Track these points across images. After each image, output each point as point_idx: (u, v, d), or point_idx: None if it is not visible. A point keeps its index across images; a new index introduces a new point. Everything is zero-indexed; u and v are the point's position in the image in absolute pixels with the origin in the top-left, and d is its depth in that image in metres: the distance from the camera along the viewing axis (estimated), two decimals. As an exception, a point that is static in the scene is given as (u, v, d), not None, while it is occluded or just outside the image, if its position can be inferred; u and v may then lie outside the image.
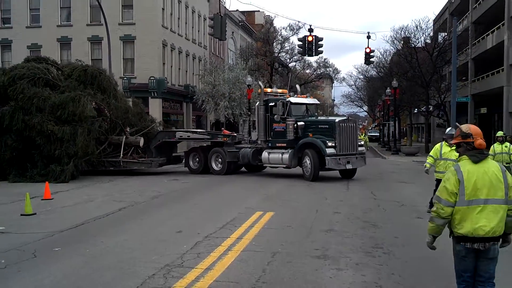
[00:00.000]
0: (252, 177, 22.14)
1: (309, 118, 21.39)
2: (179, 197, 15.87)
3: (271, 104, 21.54)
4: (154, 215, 12.36)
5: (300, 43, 28.30)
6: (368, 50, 29.73)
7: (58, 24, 39.58)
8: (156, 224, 11.23)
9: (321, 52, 28.01)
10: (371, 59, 32.75)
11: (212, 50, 51.47)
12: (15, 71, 21.87)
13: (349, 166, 20.09)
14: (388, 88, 46.72)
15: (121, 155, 22.84)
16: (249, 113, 37.42)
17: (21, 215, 12.21)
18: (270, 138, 21.70)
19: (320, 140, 19.71)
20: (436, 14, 52.26)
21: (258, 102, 22.52)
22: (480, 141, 4.98)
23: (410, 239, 9.73)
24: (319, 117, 22.49)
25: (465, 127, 5.08)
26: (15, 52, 39.72)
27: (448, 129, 12.35)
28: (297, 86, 28.24)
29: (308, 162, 19.88)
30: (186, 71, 45.30)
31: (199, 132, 26.06)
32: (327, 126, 20.35)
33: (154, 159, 23.29)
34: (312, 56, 28.50)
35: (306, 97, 23.38)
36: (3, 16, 40.71)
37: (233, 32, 57.10)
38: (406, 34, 43.94)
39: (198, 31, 48.28)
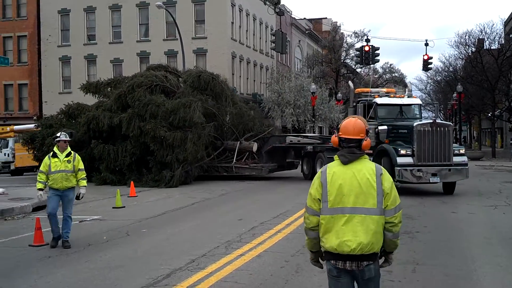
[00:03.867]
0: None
1: (397, 122, 18.37)
2: (243, 194, 18.00)
3: (359, 105, 19.36)
4: (221, 208, 14.61)
5: (358, 52, 29.94)
6: (426, 57, 30.83)
7: (137, 40, 43.13)
8: (222, 214, 13.48)
9: (378, 61, 29.56)
10: (429, 66, 33.71)
11: (279, 59, 53.71)
12: (134, 80, 22.89)
13: (434, 180, 16.49)
14: (455, 92, 47.06)
15: (234, 161, 22.94)
16: (313, 119, 39.20)
17: (113, 208, 14.78)
18: None
19: (393, 147, 16.77)
20: (505, 17, 51.78)
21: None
22: (333, 137, 4.27)
23: (438, 227, 11.36)
24: (401, 121, 18.48)
25: (344, 120, 4.29)
26: (99, 66, 43.71)
27: None
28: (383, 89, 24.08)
29: None
30: (254, 80, 47.76)
31: (310, 136, 25.41)
32: (406, 131, 17.30)
33: (264, 164, 23.01)
34: (369, 65, 30.00)
35: (403, 97, 20.22)
36: (89, 33, 44.75)
37: (299, 41, 59.11)
38: (470, 38, 44.28)
39: (266, 41, 50.64)
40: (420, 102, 20.46)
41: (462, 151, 17.30)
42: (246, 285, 6.89)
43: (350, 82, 24.25)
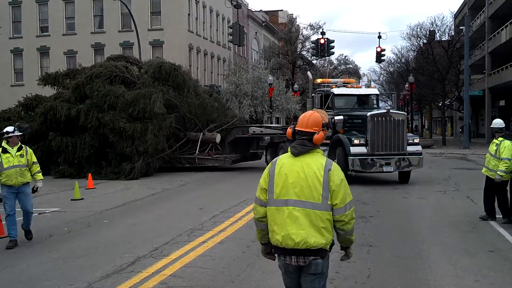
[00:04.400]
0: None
1: (353, 112, 18.29)
2: (203, 184, 18.22)
3: (316, 96, 19.27)
4: (182, 198, 14.80)
5: (314, 45, 30.47)
6: (379, 50, 31.65)
7: (91, 31, 42.41)
8: (183, 203, 13.68)
9: (333, 53, 30.29)
10: (382, 57, 34.60)
11: (236, 50, 53.84)
12: (92, 70, 22.30)
13: (388, 169, 16.65)
14: (407, 83, 48.38)
15: (197, 152, 22.69)
16: (271, 110, 39.63)
17: (71, 200, 14.73)
18: None
19: (347, 137, 16.75)
20: (455, 10, 53.56)
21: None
22: (288, 129, 4.30)
23: (390, 212, 11.90)
24: (356, 112, 18.34)
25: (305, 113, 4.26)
26: (53, 58, 42.80)
27: (495, 121, 11.14)
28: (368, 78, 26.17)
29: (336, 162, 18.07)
30: (212, 72, 47.79)
31: (273, 127, 25.49)
32: (360, 121, 17.29)
33: (227, 155, 22.83)
34: (324, 57, 30.58)
35: (361, 87, 20.59)
36: (41, 25, 43.71)
37: (256, 33, 59.38)
38: (421, 31, 45.56)
39: (223, 33, 50.67)
40: (378, 92, 20.45)
41: (416, 141, 17.41)
42: (211, 270, 7.16)
43: (309, 73, 24.17)
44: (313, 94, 19.97)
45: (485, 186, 11.01)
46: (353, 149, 16.39)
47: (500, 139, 10.54)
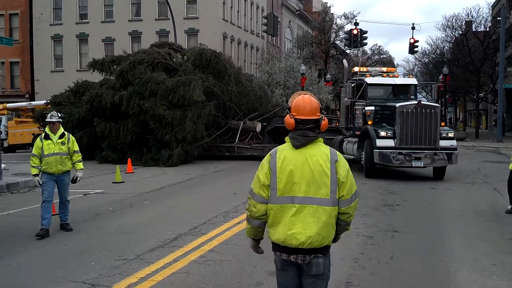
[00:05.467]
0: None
1: (386, 103, 17.34)
2: (236, 171, 18.87)
3: (352, 85, 18.42)
4: (216, 183, 15.51)
5: (347, 35, 30.75)
6: (412, 41, 31.71)
7: (129, 19, 43.47)
8: (218, 188, 14.40)
9: (365, 44, 30.54)
10: (415, 49, 34.60)
11: (269, 40, 54.22)
12: (136, 56, 22.49)
13: (417, 164, 15.78)
14: (441, 74, 48.07)
15: (236, 141, 22.60)
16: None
17: (113, 182, 15.60)
18: (350, 125, 18.71)
19: (374, 129, 16.01)
20: (492, 1, 52.67)
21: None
22: (287, 118, 3.83)
23: (417, 201, 12.37)
24: (389, 102, 17.26)
25: (292, 97, 3.90)
26: (91, 45, 44.08)
27: None
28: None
29: (363, 155, 16.52)
30: (245, 61, 48.36)
31: None
32: (389, 112, 16.49)
33: (266, 145, 22.42)
34: (357, 47, 30.79)
35: (397, 76, 19.00)
36: (81, 12, 44.96)
37: (290, 22, 59.61)
38: (457, 22, 45.18)
39: (256, 22, 51.13)
40: (416, 82, 19.15)
41: (451, 135, 16.30)
42: (245, 247, 7.78)
43: (344, 61, 24.12)
44: (344, 83, 19.36)
45: (509, 178, 11.14)
46: (379, 142, 15.69)
47: None
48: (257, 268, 6.74)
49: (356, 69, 20.10)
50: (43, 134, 9.09)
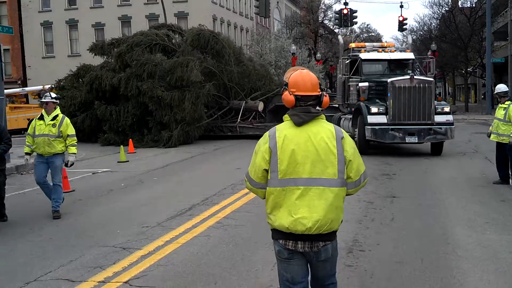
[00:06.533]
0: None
1: (380, 78, 16.82)
2: (236, 149, 19.40)
3: (346, 62, 18.00)
4: (218, 160, 16.07)
5: (337, 15, 31.18)
6: (401, 19, 32.20)
7: (118, 4, 43.59)
8: (221, 164, 14.99)
9: (356, 23, 31.06)
10: (404, 26, 35.10)
11: (258, 20, 54.42)
12: (133, 38, 22.47)
13: (411, 140, 15.48)
14: (429, 50, 48.64)
15: (238, 120, 22.60)
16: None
17: (118, 162, 16.09)
18: (346, 102, 18.52)
19: (366, 105, 15.71)
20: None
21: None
22: (286, 95, 3.51)
23: (412, 170, 13.02)
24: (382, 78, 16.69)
25: (289, 73, 3.62)
26: (81, 31, 44.13)
27: (499, 86, 11.40)
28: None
29: (356, 132, 16.20)
30: (235, 42, 48.52)
31: None
32: (381, 88, 16.10)
33: (268, 124, 22.19)
34: (347, 26, 31.23)
35: (394, 51, 18.34)
36: (69, -2, 44.95)
37: (278, 2, 59.74)
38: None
39: (245, 3, 51.34)
40: (412, 57, 18.23)
41: (447, 109, 15.90)
42: (256, 214, 8.37)
43: (339, 37, 23.86)
44: (339, 60, 19.15)
45: (496, 153, 11.24)
46: (371, 118, 15.38)
47: (507, 102, 10.70)
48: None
49: (353, 45, 19.76)
50: (39, 114, 8.93)
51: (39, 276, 5.74)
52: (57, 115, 8.81)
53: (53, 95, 9.03)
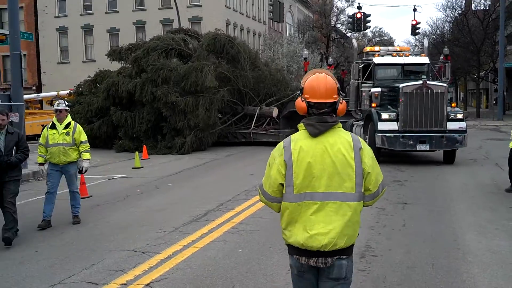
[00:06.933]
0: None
1: (394, 83, 16.24)
2: (248, 155, 19.62)
3: (359, 66, 17.68)
4: (231, 166, 16.31)
5: (350, 19, 31.35)
6: (414, 23, 32.28)
7: (133, 9, 44.07)
8: (234, 170, 15.22)
9: (369, 27, 31.10)
10: (417, 30, 35.16)
11: (271, 25, 54.73)
12: (149, 43, 22.28)
13: (422, 148, 15.10)
14: (442, 55, 48.56)
15: (252, 126, 22.35)
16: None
17: (132, 168, 16.37)
18: (359, 108, 18.25)
19: (377, 112, 15.36)
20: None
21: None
22: (298, 102, 3.37)
23: (423, 176, 13.17)
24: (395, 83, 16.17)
25: (306, 77, 3.39)
26: (96, 36, 44.73)
27: None
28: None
29: (367, 139, 15.77)
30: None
31: None
32: (393, 94, 15.73)
33: (281, 130, 22.11)
34: (361, 30, 31.38)
35: (408, 56, 17.90)
36: (85, 3, 45.55)
37: (290, 6, 60.02)
38: (457, 1, 45.62)
39: (258, 8, 51.67)
40: (428, 61, 17.62)
41: (460, 116, 15.45)
42: (270, 220, 8.58)
43: (354, 40, 23.59)
44: (353, 64, 18.76)
45: (509, 157, 11.19)
46: (381, 125, 15.06)
47: None
48: (284, 236, 7.52)
49: (368, 49, 19.50)
50: (50, 123, 8.82)
51: (63, 279, 6.01)
52: (69, 123, 8.82)
53: (66, 102, 9.04)
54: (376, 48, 19.13)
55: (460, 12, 46.11)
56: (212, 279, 5.90)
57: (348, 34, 59.46)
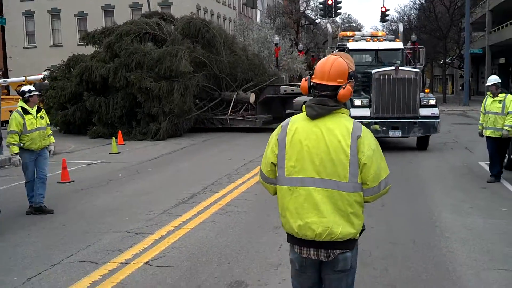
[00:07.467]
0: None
1: (368, 69, 15.94)
2: (224, 141, 19.76)
3: (329, 52, 17.36)
4: (209, 151, 16.50)
5: (321, 5, 31.69)
6: (383, 9, 32.81)
7: (101, -7, 43.38)
8: (212, 155, 15.42)
9: (340, 13, 31.48)
10: (386, 18, 35.75)
11: (241, 10, 54.69)
12: (122, 27, 21.73)
13: (395, 134, 15.09)
14: (409, 41, 49.43)
15: (229, 112, 22.14)
16: (277, 70, 40.86)
17: (110, 153, 16.38)
18: None
19: (350, 98, 14.13)
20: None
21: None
22: (302, 82, 3.29)
23: (398, 161, 13.64)
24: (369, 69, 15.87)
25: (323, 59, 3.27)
26: (64, 21, 43.94)
27: (493, 77, 10.63)
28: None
29: None
30: (219, 32, 48.82)
31: None
32: (366, 80, 15.49)
33: (258, 116, 21.92)
34: (332, 17, 31.76)
35: (382, 41, 17.76)
36: (51, -13, 44.59)
37: (260, -8, 60.03)
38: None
39: (228, -7, 51.56)
40: (402, 46, 17.53)
41: (432, 102, 15.34)
42: (254, 201, 8.87)
43: (329, 25, 23.40)
44: (327, 50, 18.49)
45: (491, 149, 10.57)
46: (354, 111, 14.55)
47: (502, 95, 10.26)
48: (271, 216, 7.79)
49: (343, 34, 19.37)
50: (20, 109, 8.44)
51: (62, 259, 6.16)
52: (39, 107, 8.77)
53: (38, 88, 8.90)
54: (350, 33, 19.07)
55: (426, -1, 47.01)
56: (208, 256, 6.15)
57: (317, 21, 59.95)
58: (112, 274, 5.64)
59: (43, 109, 8.95)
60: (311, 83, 3.19)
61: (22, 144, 8.34)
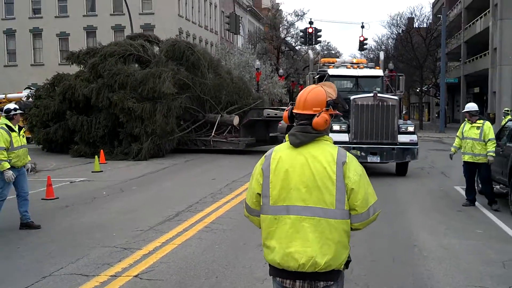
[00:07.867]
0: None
1: (348, 95, 15.72)
2: (206, 162, 19.94)
3: (315, 77, 17.63)
4: (191, 171, 16.67)
5: (302, 33, 32.40)
6: (362, 39, 33.66)
7: (84, 14, 43.61)
8: (195, 175, 15.60)
9: (320, 42, 32.20)
10: (365, 46, 36.64)
11: (222, 35, 55.35)
12: (106, 48, 22.01)
13: (373, 159, 15.09)
14: (387, 70, 50.57)
15: (212, 134, 22.26)
16: (258, 93, 41.34)
17: (92, 172, 16.45)
18: None
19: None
20: (433, 0, 55.87)
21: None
22: (284, 112, 3.29)
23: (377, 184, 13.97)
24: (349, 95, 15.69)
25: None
26: (46, 40, 43.99)
27: (470, 105, 10.92)
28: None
29: None
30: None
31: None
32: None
33: (241, 138, 22.18)
34: (312, 44, 32.48)
35: (362, 68, 17.89)
36: (34, 6, 44.69)
37: (241, 18, 60.69)
38: (401, 20, 47.81)
39: (210, 17, 52.21)
40: (381, 74, 17.80)
41: (411, 129, 15.49)
42: (238, 220, 9.06)
43: (310, 51, 23.86)
44: (307, 75, 18.89)
45: (468, 174, 10.75)
46: (332, 136, 14.17)
47: (480, 121, 10.49)
48: (256, 234, 7.96)
49: (324, 60, 19.70)
50: (5, 126, 8.43)
51: (53, 272, 6.28)
52: (19, 126, 8.81)
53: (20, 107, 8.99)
54: (331, 60, 19.32)
55: (403, 29, 48.25)
56: (196, 271, 6.33)
57: (297, 47, 60.90)
58: (103, 286, 5.79)
59: (23, 128, 9.07)
60: (292, 113, 3.20)
61: (10, 161, 8.33)
